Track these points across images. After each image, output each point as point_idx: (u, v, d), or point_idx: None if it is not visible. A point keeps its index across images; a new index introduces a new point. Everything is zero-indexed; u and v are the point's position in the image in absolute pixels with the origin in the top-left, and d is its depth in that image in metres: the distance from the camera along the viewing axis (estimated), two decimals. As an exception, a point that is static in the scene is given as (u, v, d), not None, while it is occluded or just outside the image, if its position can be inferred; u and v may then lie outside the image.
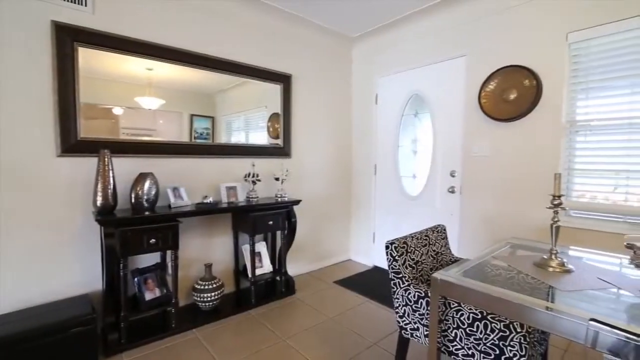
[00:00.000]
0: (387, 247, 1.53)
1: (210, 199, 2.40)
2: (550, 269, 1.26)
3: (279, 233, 2.89)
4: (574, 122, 2.24)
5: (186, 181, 2.52)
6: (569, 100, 2.25)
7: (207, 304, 2.38)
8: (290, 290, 2.83)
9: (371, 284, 3.04)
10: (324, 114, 3.47)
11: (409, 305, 1.47)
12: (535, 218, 2.33)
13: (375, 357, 1.96)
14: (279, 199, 2.78)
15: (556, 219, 1.28)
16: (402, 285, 1.49)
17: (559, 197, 1.26)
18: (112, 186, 1.97)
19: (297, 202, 2.84)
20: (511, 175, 2.47)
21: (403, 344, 1.55)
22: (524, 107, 2.35)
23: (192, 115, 2.57)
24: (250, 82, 2.87)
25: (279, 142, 3.09)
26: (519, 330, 1.14)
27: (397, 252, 1.51)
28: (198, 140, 2.60)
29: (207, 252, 2.66)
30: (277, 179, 2.90)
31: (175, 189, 2.36)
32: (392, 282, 1.54)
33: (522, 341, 1.13)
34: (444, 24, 2.85)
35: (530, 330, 1.15)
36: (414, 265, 1.58)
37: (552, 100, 2.28)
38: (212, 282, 2.41)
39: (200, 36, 2.54)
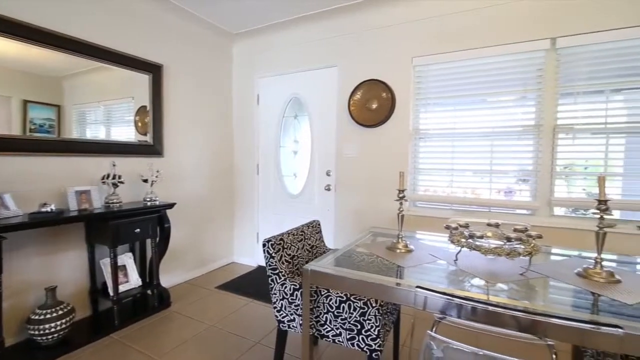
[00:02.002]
0: (264, 245, 1.56)
1: (51, 207, 1.96)
2: (398, 251, 1.53)
3: (149, 241, 2.58)
4: (417, 130, 2.76)
5: (17, 186, 1.98)
6: (414, 112, 2.76)
7: (49, 337, 1.93)
8: (164, 303, 2.57)
9: (255, 284, 3.04)
10: (203, 111, 3.27)
11: (285, 298, 1.54)
12: (392, 209, 2.77)
13: (258, 356, 1.97)
14: (149, 203, 2.49)
15: (401, 209, 1.55)
16: (279, 281, 1.55)
17: (403, 191, 1.53)
18: None
19: (171, 205, 2.60)
20: (374, 173, 2.87)
21: (281, 337, 1.61)
22: (383, 115, 2.76)
23: (25, 102, 2.04)
24: (113, 68, 2.47)
25: (149, 138, 2.76)
26: (374, 305, 1.34)
27: (274, 249, 1.56)
28: (36, 134, 2.08)
29: (50, 272, 2.16)
30: (145, 181, 2.58)
31: (-5, 196, 1.83)
32: (269, 278, 1.58)
33: (376, 314, 1.34)
34: (317, 35, 3.09)
35: (382, 303, 1.36)
36: (290, 260, 1.66)
37: (402, 111, 2.75)
38: (57, 308, 1.97)
39: (51, 9, 2.04)
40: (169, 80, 2.91)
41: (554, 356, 1.40)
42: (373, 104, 2.79)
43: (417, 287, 1.06)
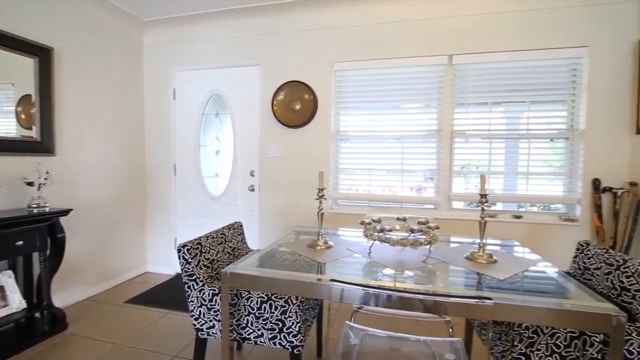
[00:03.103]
0: (179, 251, 1.47)
1: None
2: (318, 248, 1.58)
3: (36, 255, 2.19)
4: (338, 132, 2.89)
5: None
6: (335, 114, 2.88)
7: None
8: (59, 326, 2.21)
9: (173, 294, 2.82)
10: (107, 104, 2.90)
11: (204, 305, 1.47)
12: (315, 208, 2.84)
13: (175, 370, 1.84)
14: (35, 210, 2.11)
15: (321, 208, 1.61)
16: (196, 287, 1.47)
17: (322, 190, 1.59)
18: None
19: (66, 212, 2.25)
20: (298, 173, 2.91)
21: (200, 346, 1.52)
22: (306, 117, 2.82)
23: None
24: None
25: (35, 134, 2.35)
26: (294, 302, 1.37)
27: (190, 254, 1.47)
28: None
29: None
30: (30, 184, 2.18)
31: None
32: (186, 285, 1.49)
33: (297, 310, 1.36)
34: (241, 32, 3.01)
35: (302, 300, 1.39)
36: (209, 265, 1.59)
37: (324, 113, 2.85)
38: None
39: None
40: (63, 67, 2.51)
41: (450, 330, 1.61)
42: (296, 105, 2.84)
43: (332, 280, 1.12)
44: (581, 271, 1.56)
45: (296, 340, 1.37)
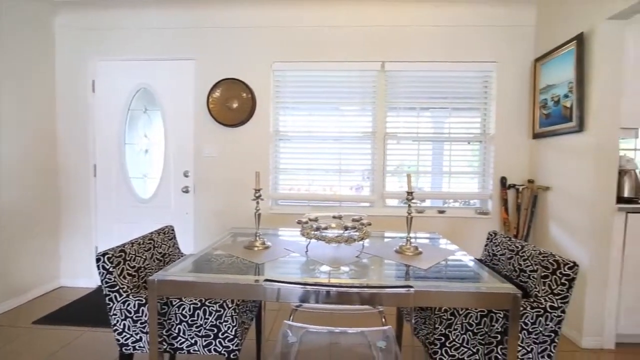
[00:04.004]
0: (98, 260, 1.32)
1: None
2: (256, 249, 1.56)
3: None
4: (277, 132, 2.88)
5: None
6: (274, 114, 2.87)
7: None
8: (-61, 358, 1.84)
9: (93, 309, 2.53)
10: (4, 93, 2.49)
11: (129, 317, 1.35)
12: (254, 208, 2.80)
13: (95, 393, 1.65)
14: None
15: (258, 208, 1.59)
16: (119, 299, 1.34)
17: (259, 190, 1.57)
18: None
19: (-51, 221, 1.88)
20: (236, 173, 2.83)
21: (125, 363, 1.39)
22: (244, 116, 2.76)
23: None
24: None
25: None
26: (230, 305, 1.33)
27: (112, 262, 1.34)
28: None
29: None
30: None
31: None
32: (107, 297, 1.35)
33: (233, 314, 1.33)
34: (174, 23, 2.83)
35: (239, 302, 1.36)
36: (134, 273, 1.46)
37: (263, 113, 2.82)
38: None
39: None
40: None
41: (383, 319, 1.72)
42: (233, 104, 2.76)
43: (266, 280, 1.11)
44: (490, 257, 1.79)
45: (232, 344, 1.34)
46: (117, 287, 1.34)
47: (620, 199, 2.15)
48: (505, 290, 1.12)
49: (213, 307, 1.33)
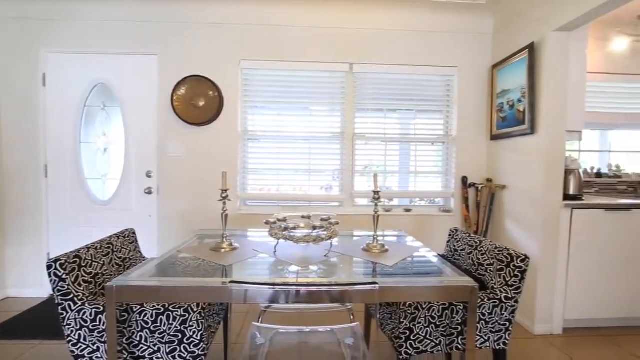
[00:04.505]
0: (49, 267, 1.23)
1: None
2: (223, 251, 1.53)
3: None
4: (246, 132, 2.84)
5: None
6: (243, 113, 2.82)
7: None
8: None
9: (44, 321, 2.35)
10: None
11: (84, 327, 1.27)
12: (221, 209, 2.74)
13: (46, 410, 1.54)
14: None
15: (225, 209, 1.56)
16: (74, 307, 1.26)
17: (226, 191, 1.54)
18: None
19: None
20: (203, 173, 2.75)
21: (81, 375, 1.31)
22: (211, 114, 2.69)
23: None
24: None
25: None
26: (195, 309, 1.29)
27: (65, 269, 1.25)
28: None
29: None
30: None
31: None
32: (60, 307, 1.26)
33: (198, 318, 1.29)
34: (135, 15, 2.69)
35: (204, 306, 1.33)
36: (91, 280, 1.38)
37: (231, 112, 2.76)
38: None
39: None
40: None
41: (351, 317, 1.75)
42: (200, 102, 2.67)
43: (231, 282, 1.10)
44: (452, 253, 1.88)
45: (198, 349, 1.30)
46: (72, 296, 1.26)
47: (567, 196, 2.34)
48: (464, 284, 1.18)
49: (177, 311, 1.29)
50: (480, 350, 1.89)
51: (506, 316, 1.41)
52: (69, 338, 1.28)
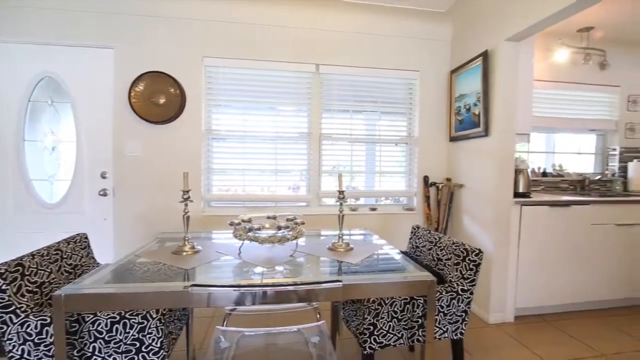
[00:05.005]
0: (-15, 277, 1.12)
1: None
2: (184, 254, 1.48)
3: None
4: (210, 130, 2.76)
5: None
6: (207, 112, 2.74)
7: None
8: None
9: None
10: None
11: (29, 341, 1.17)
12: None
13: None
14: None
15: (187, 211, 1.51)
16: (16, 320, 1.16)
17: (188, 192, 1.49)
18: None
19: None
20: (165, 174, 2.64)
21: (25, 394, 1.21)
22: (172, 112, 2.58)
23: None
24: None
25: None
26: (154, 316, 1.24)
27: (5, 280, 1.15)
28: None
29: None
30: None
31: None
32: (0, 320, 1.15)
33: (158, 325, 1.24)
34: (89, 5, 2.51)
35: (164, 312, 1.28)
36: (36, 290, 1.27)
37: (194, 110, 2.67)
38: None
39: None
40: None
41: (318, 315, 1.76)
42: (160, 99, 2.56)
43: (193, 285, 1.07)
44: (414, 249, 1.95)
45: (158, 357, 1.25)
46: (13, 307, 1.16)
47: (517, 194, 2.52)
48: (423, 278, 1.24)
49: (135, 319, 1.23)
50: (440, 341, 1.99)
51: (462, 307, 1.49)
52: (11, 354, 1.18)
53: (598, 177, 3.32)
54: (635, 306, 2.73)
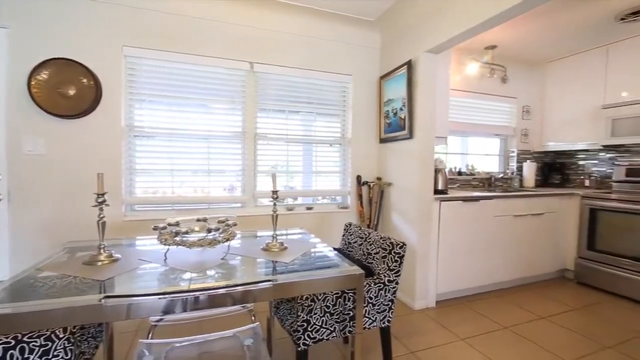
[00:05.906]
0: None
1: None
2: (100, 264, 1.33)
3: None
4: (132, 127, 2.52)
5: None
6: (127, 106, 2.49)
7: None
8: None
9: None
10: None
11: None
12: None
13: None
14: None
15: (102, 216, 1.36)
16: None
17: (103, 195, 1.35)
18: None
19: None
20: (76, 175, 2.34)
21: None
22: (85, 106, 2.30)
23: None
24: None
25: None
26: (62, 335, 1.09)
27: None
28: None
29: None
30: None
31: None
32: None
33: (66, 345, 1.10)
34: (-34, -26, 2.10)
35: (74, 330, 1.14)
36: None
37: (112, 104, 2.41)
38: None
39: None
40: None
41: (253, 317, 1.74)
42: (70, 90, 2.26)
43: (106, 297, 0.97)
44: (347, 246, 2.04)
45: (67, 382, 1.11)
46: None
47: (436, 191, 2.79)
48: (352, 272, 1.31)
49: (35, 341, 1.07)
50: (370, 330, 2.11)
51: (389, 297, 1.61)
52: None
53: (501, 175, 3.85)
54: (527, 284, 3.24)
